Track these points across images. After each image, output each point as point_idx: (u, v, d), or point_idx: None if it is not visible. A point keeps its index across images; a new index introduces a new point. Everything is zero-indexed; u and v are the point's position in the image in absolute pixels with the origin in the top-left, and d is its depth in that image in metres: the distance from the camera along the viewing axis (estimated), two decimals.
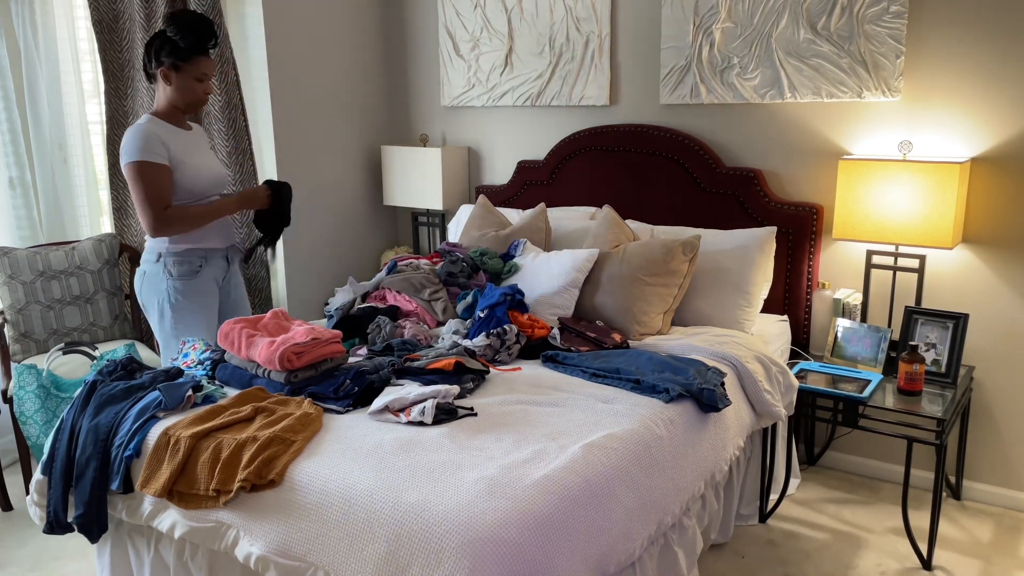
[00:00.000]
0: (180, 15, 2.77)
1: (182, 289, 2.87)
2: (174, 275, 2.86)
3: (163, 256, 2.86)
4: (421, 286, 3.22)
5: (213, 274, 2.95)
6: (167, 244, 2.85)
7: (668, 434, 2.28)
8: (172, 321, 2.88)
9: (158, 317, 2.91)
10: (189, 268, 2.87)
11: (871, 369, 2.99)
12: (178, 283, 2.86)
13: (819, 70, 3.15)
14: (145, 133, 2.75)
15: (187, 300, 2.88)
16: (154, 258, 2.88)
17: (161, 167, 2.75)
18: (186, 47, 2.76)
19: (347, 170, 4.28)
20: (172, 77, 2.80)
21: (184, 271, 2.86)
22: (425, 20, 4.23)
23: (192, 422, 2.22)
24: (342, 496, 1.91)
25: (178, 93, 2.83)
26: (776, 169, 3.35)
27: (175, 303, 2.87)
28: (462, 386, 2.43)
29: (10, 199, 3.63)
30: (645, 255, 3.05)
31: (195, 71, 2.81)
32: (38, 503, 2.39)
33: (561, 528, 1.83)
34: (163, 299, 2.87)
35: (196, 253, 2.88)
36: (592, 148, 3.73)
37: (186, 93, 2.83)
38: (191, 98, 2.85)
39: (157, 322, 2.92)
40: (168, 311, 2.88)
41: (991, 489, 3.12)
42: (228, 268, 3.04)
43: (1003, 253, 2.96)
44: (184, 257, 2.86)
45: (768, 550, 2.85)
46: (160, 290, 2.87)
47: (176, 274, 2.86)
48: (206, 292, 2.92)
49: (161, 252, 2.86)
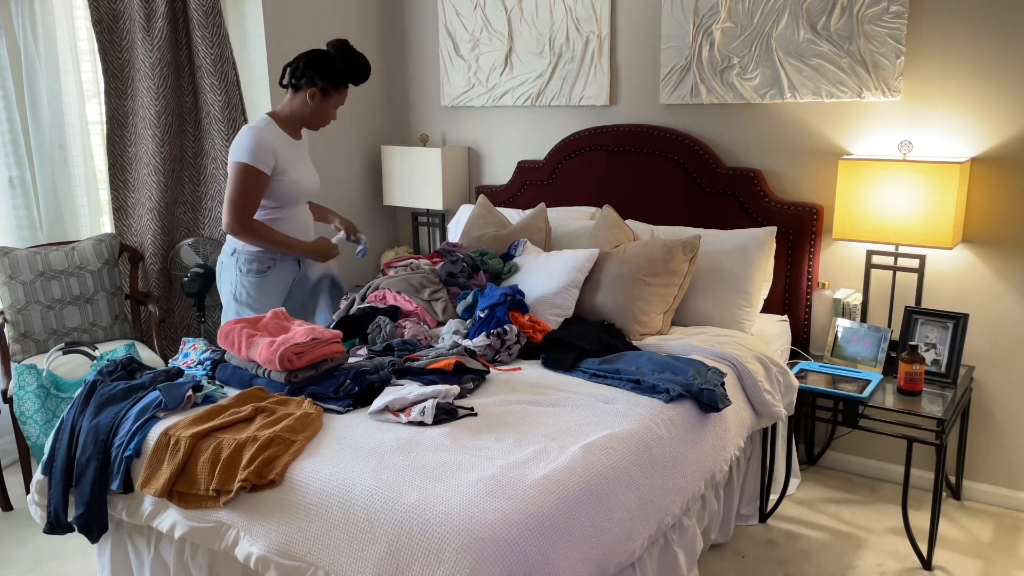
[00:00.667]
0: (348, 46, 2.91)
1: (250, 285, 3.00)
2: (243, 271, 2.99)
3: (237, 252, 2.99)
4: (421, 286, 3.22)
5: (282, 275, 3.06)
6: (243, 243, 2.97)
7: (668, 434, 2.28)
8: (235, 310, 3.02)
9: (226, 306, 3.07)
10: (259, 267, 2.99)
11: (871, 369, 2.99)
12: (247, 279, 2.99)
13: (819, 70, 3.15)
14: (260, 139, 2.85)
15: (256, 294, 3.00)
16: (230, 251, 3.03)
17: (262, 175, 2.86)
18: (344, 78, 2.91)
19: (347, 170, 4.28)
20: (317, 98, 2.92)
21: (254, 269, 2.99)
22: (425, 20, 4.23)
23: (192, 422, 2.22)
24: (342, 496, 1.91)
25: (313, 114, 2.96)
26: (776, 169, 3.35)
27: (240, 298, 3.01)
28: (462, 386, 2.43)
29: (10, 199, 3.63)
30: (645, 255, 3.04)
31: (339, 99, 2.97)
32: (38, 503, 2.39)
33: (561, 528, 1.83)
34: (232, 291, 3.02)
35: (268, 255, 3.00)
36: (592, 148, 3.73)
37: (321, 117, 2.98)
38: (323, 122, 3.01)
39: (228, 309, 3.07)
40: (233, 304, 3.03)
41: (991, 489, 3.12)
42: (298, 271, 3.13)
43: (1003, 253, 2.96)
44: (255, 257, 2.98)
45: (768, 550, 2.85)
46: (231, 281, 3.02)
47: (246, 271, 2.98)
48: (273, 292, 3.04)
49: (237, 248, 3.00)
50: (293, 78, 2.92)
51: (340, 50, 2.89)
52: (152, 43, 3.59)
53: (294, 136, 3.01)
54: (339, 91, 2.94)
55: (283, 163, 2.91)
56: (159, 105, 3.62)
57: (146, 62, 3.60)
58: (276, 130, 2.93)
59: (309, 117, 2.97)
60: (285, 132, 2.96)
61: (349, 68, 2.91)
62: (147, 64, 3.60)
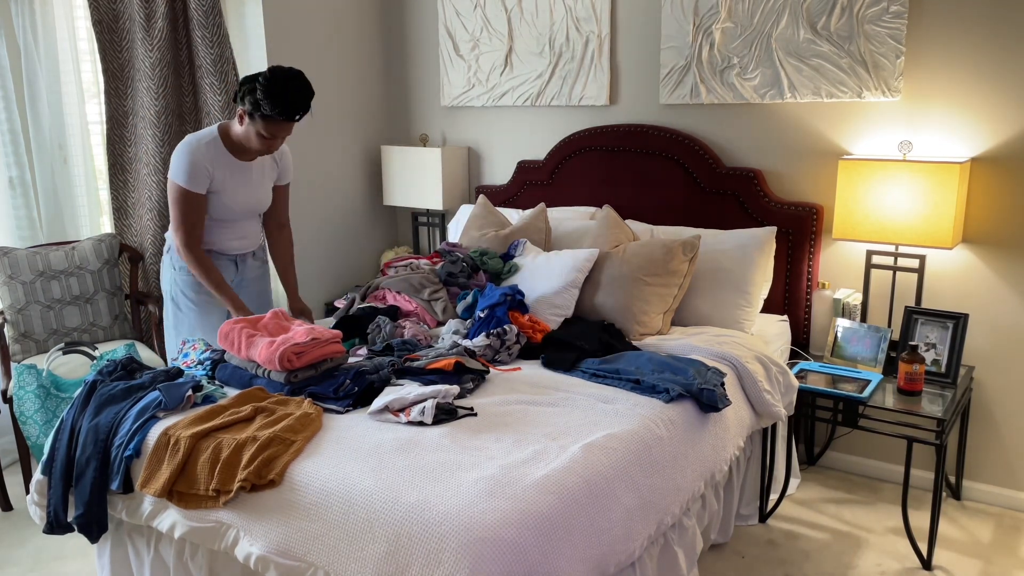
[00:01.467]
0: (280, 77, 2.64)
1: (185, 283, 2.95)
2: (176, 269, 2.95)
3: (171, 249, 2.97)
4: (421, 286, 3.22)
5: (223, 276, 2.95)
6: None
7: (668, 434, 2.28)
8: (172, 312, 3.00)
9: (166, 307, 3.03)
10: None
11: (871, 369, 2.99)
12: (180, 276, 2.95)
13: (819, 70, 3.15)
14: (195, 159, 2.74)
15: (191, 293, 2.95)
16: (166, 249, 3.00)
17: (197, 196, 2.78)
18: (268, 111, 2.64)
19: (347, 170, 4.28)
20: (245, 120, 2.73)
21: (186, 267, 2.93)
22: (425, 20, 4.23)
23: (192, 422, 2.22)
24: (342, 496, 1.91)
25: (244, 134, 2.76)
26: (776, 169, 3.35)
27: (176, 297, 2.97)
28: (462, 386, 2.43)
29: (10, 199, 3.63)
30: (645, 255, 3.04)
31: (265, 129, 2.70)
32: (38, 503, 2.39)
33: (561, 528, 1.83)
34: (169, 291, 2.99)
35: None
36: (592, 148, 3.73)
37: (249, 140, 2.76)
38: (252, 146, 2.78)
39: (166, 311, 3.04)
40: (170, 303, 3.00)
41: (991, 489, 3.12)
42: (236, 271, 3.03)
43: (1003, 253, 2.96)
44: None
45: (768, 550, 2.85)
46: (169, 280, 2.99)
47: (178, 268, 2.94)
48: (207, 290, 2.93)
49: (171, 245, 2.97)
50: (234, 98, 2.76)
51: (270, 79, 2.62)
52: (152, 43, 3.59)
53: (241, 157, 2.85)
54: (265, 121, 2.67)
55: (218, 182, 2.80)
56: (159, 105, 3.62)
57: (146, 62, 3.60)
58: (217, 147, 2.79)
59: (242, 139, 2.78)
60: (228, 150, 2.82)
61: (272, 100, 2.61)
62: (147, 64, 3.60)
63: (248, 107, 2.68)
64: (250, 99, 2.66)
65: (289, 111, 2.66)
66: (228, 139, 2.84)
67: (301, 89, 2.67)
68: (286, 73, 2.66)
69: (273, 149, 2.82)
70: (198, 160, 2.76)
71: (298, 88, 2.66)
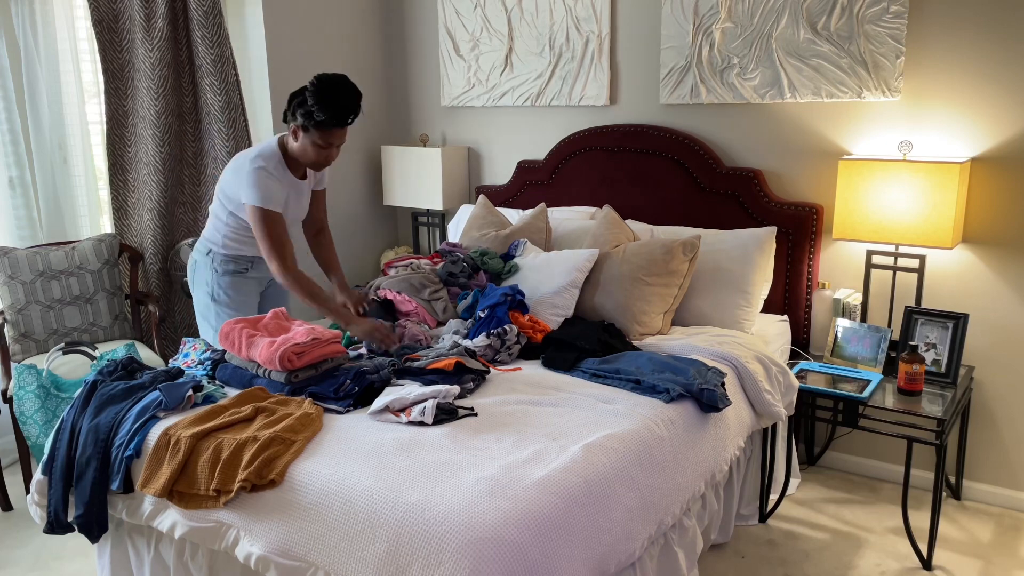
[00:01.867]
0: (330, 84, 2.64)
1: (227, 285, 2.97)
2: (219, 272, 2.96)
3: (213, 252, 2.96)
4: (421, 286, 3.22)
5: (260, 275, 3.03)
6: (219, 246, 2.94)
7: (668, 434, 2.28)
8: (214, 310, 2.98)
9: (203, 306, 3.03)
10: (236, 268, 2.97)
11: (871, 369, 2.99)
12: (223, 279, 2.96)
13: (819, 70, 3.15)
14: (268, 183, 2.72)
15: (232, 293, 2.97)
16: (204, 251, 2.99)
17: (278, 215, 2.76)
18: (321, 119, 2.65)
19: (347, 170, 4.28)
20: (300, 135, 2.74)
21: (230, 270, 2.96)
22: (425, 20, 4.23)
23: (192, 422, 2.22)
24: (342, 496, 1.91)
25: (301, 152, 2.77)
26: (776, 169, 3.35)
27: (219, 298, 2.97)
28: (462, 386, 2.43)
29: (10, 199, 3.63)
30: (645, 255, 3.05)
31: (321, 139, 2.71)
32: (38, 503, 2.39)
33: (561, 528, 1.83)
34: (209, 292, 2.98)
35: (244, 258, 2.97)
36: (592, 148, 3.73)
37: (307, 155, 2.77)
38: (310, 159, 2.78)
39: (199, 311, 3.05)
40: (211, 305, 2.99)
41: (991, 489, 3.12)
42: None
43: (1003, 253, 2.96)
44: (230, 258, 2.96)
45: (768, 550, 2.85)
46: (207, 282, 2.98)
47: (222, 272, 2.96)
48: (250, 290, 3.02)
49: (212, 248, 2.96)
50: (285, 110, 2.77)
51: (317, 86, 2.63)
52: (152, 43, 3.59)
53: (297, 174, 2.89)
54: (320, 130, 2.68)
55: (284, 200, 2.83)
56: (159, 105, 3.62)
57: (146, 62, 3.60)
58: (282, 167, 2.81)
59: (299, 155, 2.79)
60: (290, 168, 2.85)
61: (324, 107, 2.62)
62: (147, 64, 3.60)
63: (301, 120, 2.68)
64: (302, 111, 2.67)
65: (342, 115, 2.67)
66: (286, 155, 2.84)
67: (350, 91, 2.68)
68: (333, 78, 2.66)
69: (331, 159, 2.81)
70: (270, 183, 2.75)
71: (348, 91, 2.67)
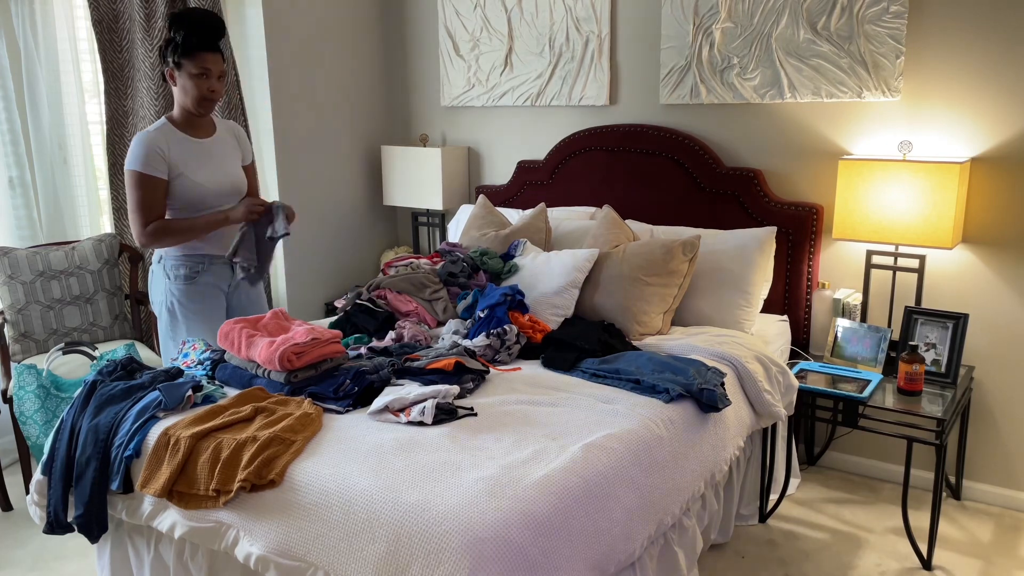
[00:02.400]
0: (182, 12, 2.71)
1: (180, 293, 2.84)
2: (171, 278, 2.84)
3: (164, 258, 2.86)
4: (421, 286, 3.22)
5: (215, 280, 2.89)
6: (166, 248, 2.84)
7: (668, 434, 2.28)
8: (168, 323, 2.87)
9: (160, 317, 2.91)
10: (187, 272, 2.83)
11: (871, 369, 2.99)
12: (175, 286, 2.84)
13: (819, 70, 3.15)
14: (147, 143, 2.70)
15: (187, 303, 2.85)
16: (157, 258, 2.89)
17: (155, 180, 2.71)
18: (185, 43, 2.66)
19: (347, 170, 4.28)
20: (176, 76, 2.72)
21: (181, 275, 2.83)
22: (425, 20, 4.23)
23: (192, 422, 2.22)
24: (342, 496, 1.91)
25: (181, 92, 2.74)
26: (776, 169, 3.35)
27: (172, 307, 2.85)
28: (462, 386, 2.43)
29: (10, 199, 3.63)
30: (645, 255, 3.04)
31: (193, 67, 2.68)
32: (38, 503, 2.39)
33: (561, 528, 1.83)
34: (163, 300, 2.87)
35: (193, 259, 2.84)
36: (592, 148, 3.73)
37: (187, 91, 2.72)
38: (193, 96, 2.73)
39: (161, 322, 2.91)
40: (165, 314, 2.87)
41: (991, 489, 3.12)
42: (232, 277, 2.93)
43: (1003, 253, 2.96)
44: (181, 261, 2.83)
45: (768, 550, 2.85)
46: (161, 291, 2.87)
47: (173, 277, 2.84)
48: (207, 296, 2.87)
49: (163, 254, 2.86)
50: (163, 75, 2.77)
51: (173, 18, 2.69)
52: (152, 43, 3.59)
53: (196, 134, 2.81)
54: (189, 57, 2.67)
55: (177, 163, 2.74)
56: (159, 105, 3.62)
57: (146, 62, 3.60)
58: (169, 130, 2.76)
59: (184, 100, 2.74)
60: (182, 131, 2.78)
61: (187, 31, 2.65)
62: (147, 64, 3.60)
63: (172, 58, 2.70)
64: (169, 48, 2.69)
65: (206, 34, 2.69)
66: (177, 122, 2.80)
67: (206, 12, 2.73)
68: (189, 8, 2.74)
69: (217, 93, 2.77)
70: (152, 141, 2.71)
71: (204, 12, 2.72)
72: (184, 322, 2.85)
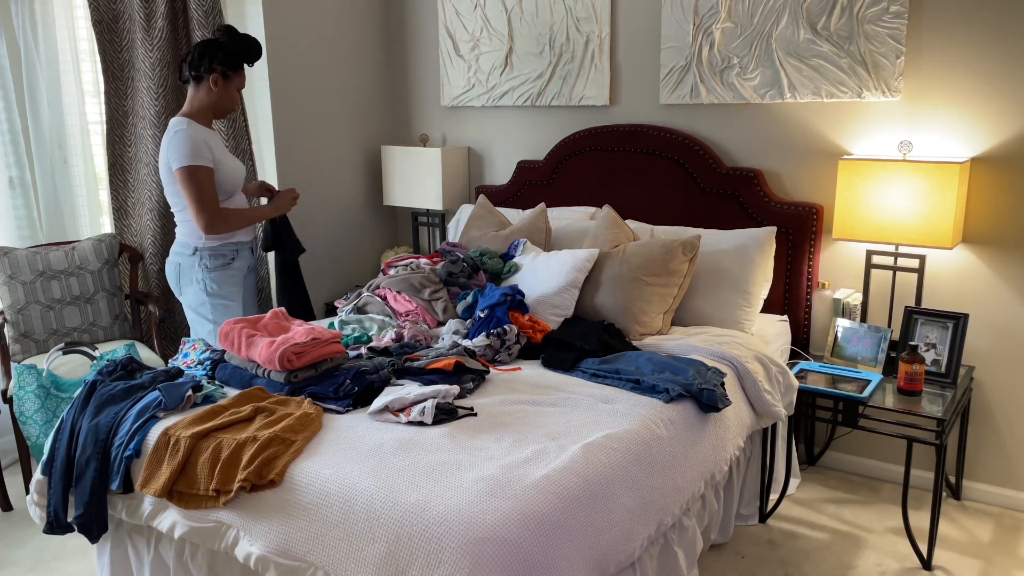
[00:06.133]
0: (234, 30, 3.03)
1: (218, 278, 3.06)
2: (209, 268, 3.05)
3: (199, 250, 3.04)
4: (421, 286, 3.22)
5: (241, 264, 3.16)
6: (203, 240, 3.04)
7: (668, 434, 2.28)
8: (211, 309, 3.07)
9: (196, 305, 3.10)
10: (223, 261, 3.07)
11: (871, 369, 2.99)
12: (213, 274, 3.06)
13: (819, 70, 3.15)
14: (193, 139, 2.92)
15: (222, 288, 3.08)
16: (189, 251, 3.06)
17: (207, 170, 2.95)
18: (239, 58, 3.01)
19: (347, 170, 4.28)
20: (220, 83, 3.00)
21: (219, 264, 3.06)
22: (425, 20, 4.23)
23: (192, 422, 2.22)
24: (342, 496, 1.91)
25: (220, 100, 3.03)
26: (776, 169, 3.35)
27: (212, 291, 3.06)
28: (462, 386, 2.43)
29: (10, 199, 3.63)
30: (645, 255, 3.04)
31: (239, 82, 3.07)
32: (38, 503, 2.39)
33: (561, 528, 1.83)
34: (203, 288, 3.06)
35: (229, 247, 3.09)
36: (592, 148, 3.73)
37: (226, 101, 3.05)
38: (230, 105, 3.08)
39: (193, 308, 3.12)
40: (207, 300, 3.07)
41: (991, 489, 3.12)
42: (251, 258, 3.25)
43: (1003, 253, 2.96)
44: (219, 251, 3.06)
45: (768, 550, 2.85)
46: (198, 280, 3.06)
47: (212, 267, 3.05)
48: (236, 281, 3.14)
49: (197, 247, 3.05)
50: (192, 70, 2.99)
51: (228, 34, 3.00)
52: (152, 43, 3.59)
53: (210, 128, 3.08)
54: (237, 73, 3.04)
55: (216, 154, 2.99)
56: (159, 105, 3.62)
57: (146, 62, 3.60)
58: (196, 126, 2.98)
59: (217, 104, 3.03)
60: (203, 126, 3.03)
61: (243, 49, 3.01)
62: (147, 64, 3.60)
63: (223, 68, 2.98)
64: (220, 60, 2.97)
65: (255, 56, 3.06)
66: (197, 119, 3.02)
67: (253, 38, 3.06)
68: (232, 29, 3.04)
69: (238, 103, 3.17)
70: (195, 136, 2.93)
71: (251, 37, 3.06)
72: (220, 300, 3.08)
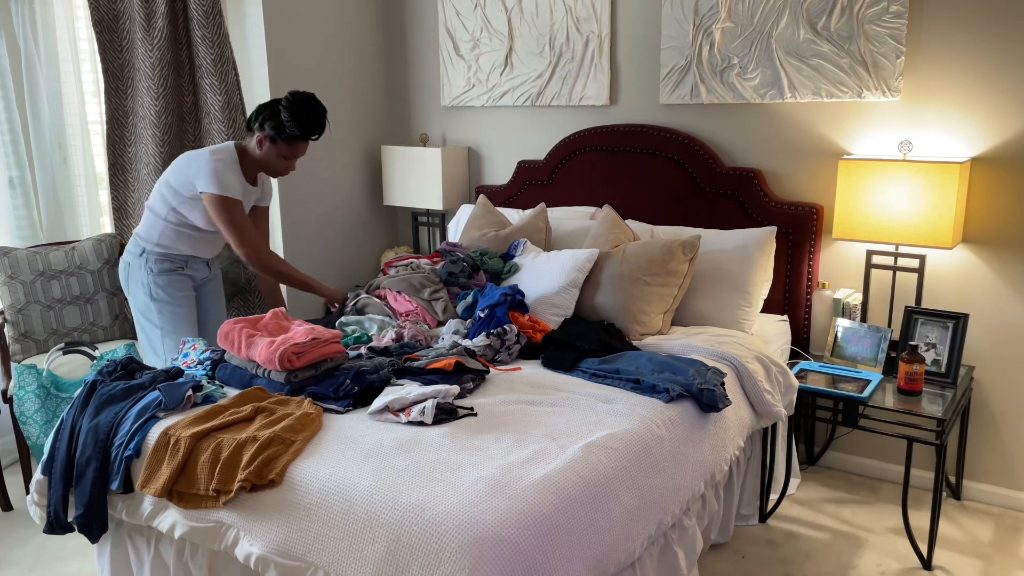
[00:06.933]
0: (302, 100, 2.86)
1: (164, 283, 3.01)
2: (155, 271, 3.01)
3: (147, 253, 3.01)
4: (421, 286, 3.22)
5: (195, 274, 3.12)
6: (153, 244, 3.00)
7: (668, 434, 2.28)
8: (156, 312, 3.02)
9: (141, 304, 3.05)
10: (171, 265, 3.03)
11: (871, 369, 2.99)
12: (159, 279, 3.01)
13: (819, 70, 3.15)
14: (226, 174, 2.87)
15: (169, 293, 3.02)
16: (138, 252, 3.02)
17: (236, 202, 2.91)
18: (290, 130, 2.87)
19: (347, 170, 4.28)
20: (265, 145, 2.93)
21: (166, 267, 3.02)
22: (425, 20, 4.23)
23: (192, 422, 2.22)
24: (342, 496, 1.91)
25: (266, 160, 2.97)
26: (776, 169, 3.35)
27: (157, 296, 3.01)
28: (462, 386, 2.43)
29: (10, 199, 3.63)
30: (645, 255, 3.05)
31: (289, 150, 2.94)
32: (38, 503, 2.39)
33: (561, 528, 1.83)
34: (147, 291, 3.02)
35: (181, 257, 3.05)
36: (592, 148, 3.73)
37: (273, 163, 2.97)
38: (278, 169, 3.01)
39: (139, 310, 3.06)
40: (151, 303, 3.02)
41: (991, 489, 3.12)
42: (209, 271, 3.19)
43: (1003, 253, 2.96)
44: (167, 255, 3.02)
45: (768, 550, 2.85)
46: (142, 283, 3.02)
47: (157, 270, 3.01)
48: (186, 287, 3.08)
49: (146, 248, 3.01)
50: (247, 122, 2.97)
51: (292, 102, 2.86)
52: (152, 43, 3.59)
53: (249, 178, 3.02)
54: (288, 143, 2.91)
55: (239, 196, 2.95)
56: (159, 105, 3.62)
57: (146, 62, 3.60)
58: (237, 169, 2.94)
59: (261, 162, 2.98)
60: (243, 173, 2.98)
61: (297, 122, 2.85)
62: (147, 64, 3.60)
63: (270, 132, 2.88)
64: (271, 123, 2.87)
65: (312, 132, 2.90)
66: (243, 159, 2.99)
67: (321, 111, 2.90)
68: (307, 97, 2.88)
69: (291, 170, 3.03)
70: (232, 176, 2.91)
71: (319, 110, 2.90)
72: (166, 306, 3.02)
